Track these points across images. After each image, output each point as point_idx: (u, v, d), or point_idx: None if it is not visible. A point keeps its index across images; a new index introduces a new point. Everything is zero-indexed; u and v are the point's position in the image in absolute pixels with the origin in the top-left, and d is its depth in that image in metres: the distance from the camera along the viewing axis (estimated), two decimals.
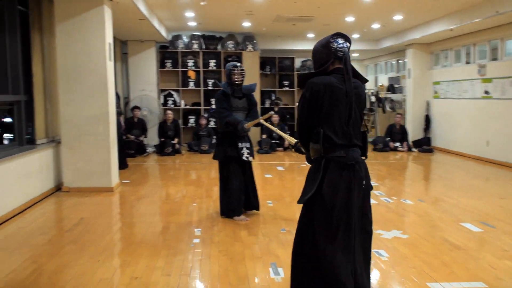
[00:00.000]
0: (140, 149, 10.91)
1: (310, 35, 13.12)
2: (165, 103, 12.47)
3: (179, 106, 12.57)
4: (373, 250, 3.52)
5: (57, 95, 6.98)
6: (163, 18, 10.41)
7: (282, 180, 8.00)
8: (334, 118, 2.81)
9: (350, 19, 10.46)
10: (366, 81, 3.04)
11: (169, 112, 11.58)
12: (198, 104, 12.72)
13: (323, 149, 2.82)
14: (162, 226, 5.15)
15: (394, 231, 4.87)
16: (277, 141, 11.90)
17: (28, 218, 5.50)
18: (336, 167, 2.79)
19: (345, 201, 2.75)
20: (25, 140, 6.50)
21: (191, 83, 12.56)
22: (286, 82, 14.24)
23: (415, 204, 6.14)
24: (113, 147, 7.10)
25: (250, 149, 5.43)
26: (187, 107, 12.70)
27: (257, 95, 13.64)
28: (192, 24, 11.25)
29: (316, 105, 2.83)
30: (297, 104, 13.81)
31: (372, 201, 4.90)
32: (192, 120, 12.56)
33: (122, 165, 8.91)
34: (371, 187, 2.94)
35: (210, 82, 12.60)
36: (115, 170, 7.20)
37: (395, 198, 6.53)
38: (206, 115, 12.62)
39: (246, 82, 5.48)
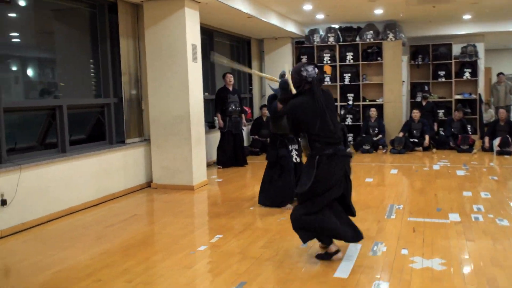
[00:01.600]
0: (266, 148, 10.91)
1: (466, 17, 11.43)
2: None
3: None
4: None
5: (147, 97, 7.39)
6: (284, 12, 10.19)
7: (379, 186, 7.14)
8: (316, 126, 3.79)
9: None
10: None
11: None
12: (335, 100, 12.16)
13: (314, 149, 3.84)
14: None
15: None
16: (416, 140, 10.68)
17: (101, 210, 5.97)
18: (327, 162, 3.78)
19: (335, 184, 3.84)
20: (115, 139, 7.04)
21: (327, 79, 12.09)
22: (441, 73, 12.70)
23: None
24: (197, 146, 7.25)
25: (299, 150, 5.87)
26: None
27: (405, 87, 12.54)
28: (320, 16, 10.81)
29: (296, 119, 3.89)
30: (455, 97, 12.25)
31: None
32: None
33: (241, 162, 9.08)
34: (350, 171, 4.00)
35: (347, 76, 11.94)
36: (200, 169, 7.34)
37: (492, 216, 5.28)
38: (342, 111, 12.03)
39: (388, 74, 7.74)
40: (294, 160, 5.83)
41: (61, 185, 5.74)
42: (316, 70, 3.90)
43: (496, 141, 9.86)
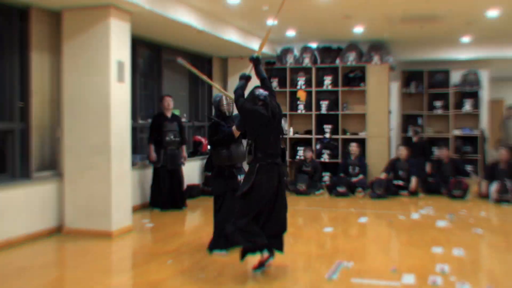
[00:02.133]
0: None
1: (465, 39, 11.47)
2: None
3: (286, 134, 12.09)
4: None
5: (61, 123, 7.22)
6: (246, 27, 10.16)
7: (337, 238, 6.94)
8: (261, 135, 5.11)
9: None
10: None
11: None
12: (310, 132, 12.06)
13: (256, 158, 5.09)
14: None
15: None
16: (401, 182, 10.53)
17: None
18: (265, 170, 5.04)
19: (270, 191, 5.08)
20: (19, 172, 6.83)
21: (301, 106, 12.00)
22: (438, 103, 12.72)
23: None
24: (120, 184, 7.05)
25: None
26: (297, 136, 12.15)
27: (395, 120, 12.46)
28: (291, 34, 10.79)
29: (248, 123, 5.28)
30: (454, 132, 12.20)
31: None
32: (301, 152, 11.93)
33: (179, 204, 8.86)
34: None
35: (324, 104, 11.85)
36: (122, 212, 7.12)
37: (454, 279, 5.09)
38: (318, 146, 11.90)
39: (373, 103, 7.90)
40: None
41: None
42: (266, 92, 5.14)
43: (494, 187, 9.72)
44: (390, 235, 7.06)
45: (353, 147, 11.18)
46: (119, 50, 7.06)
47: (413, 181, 10.42)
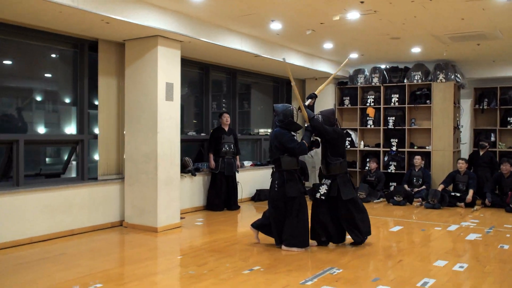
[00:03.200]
0: None
1: None
2: None
3: (357, 147, 11.24)
4: None
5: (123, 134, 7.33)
6: (308, 51, 9.60)
7: (339, 247, 6.16)
8: None
9: None
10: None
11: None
12: (379, 145, 11.08)
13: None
14: None
15: None
16: (458, 194, 9.22)
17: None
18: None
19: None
20: (86, 175, 7.04)
21: (370, 122, 11.09)
22: (511, 119, 10.95)
23: None
24: (166, 187, 6.95)
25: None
26: (367, 148, 11.23)
27: (467, 135, 11.05)
28: (354, 56, 10.02)
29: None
30: None
31: None
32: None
33: (233, 206, 8.64)
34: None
35: (391, 120, 10.82)
36: (168, 211, 7.00)
37: None
38: (386, 158, 10.89)
39: (438, 118, 9.72)
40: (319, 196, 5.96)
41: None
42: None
43: None
44: (407, 244, 6.09)
45: (417, 159, 10.06)
46: (167, 73, 6.98)
47: (470, 193, 9.05)
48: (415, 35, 8.07)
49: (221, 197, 8.54)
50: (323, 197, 5.78)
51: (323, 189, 5.81)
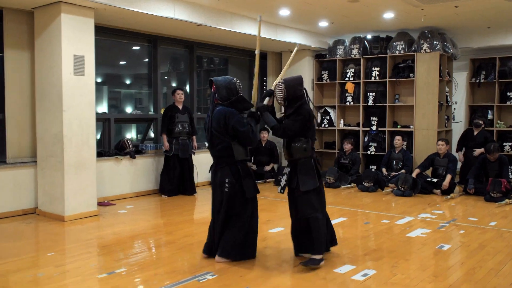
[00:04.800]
0: (255, 176, 9.25)
1: None
2: (320, 123, 10.27)
3: (335, 126, 10.11)
4: None
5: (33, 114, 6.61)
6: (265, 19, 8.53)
7: (265, 240, 5.22)
8: None
9: None
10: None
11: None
12: (358, 124, 9.93)
13: None
14: None
15: None
16: (436, 179, 8.02)
17: None
18: None
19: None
20: None
21: (349, 98, 9.92)
22: (511, 94, 9.53)
23: None
24: (76, 172, 6.21)
25: None
26: (347, 127, 10.08)
27: (463, 112, 9.77)
28: (323, 24, 8.86)
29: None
30: None
31: None
32: None
33: (189, 191, 7.85)
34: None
35: (371, 96, 9.62)
36: (80, 198, 6.26)
37: None
38: (366, 138, 9.73)
39: (421, 94, 8.57)
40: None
41: None
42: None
43: None
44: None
45: (397, 140, 8.89)
46: (76, 45, 6.17)
47: (447, 178, 7.84)
48: None
49: (173, 182, 7.73)
50: (282, 191, 4.40)
51: (283, 181, 4.40)
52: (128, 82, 8.88)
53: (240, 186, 4.19)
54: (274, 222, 6.00)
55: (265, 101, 4.38)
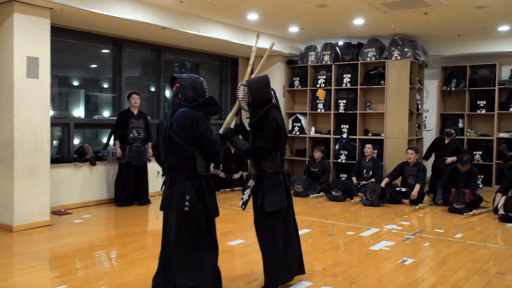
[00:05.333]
0: (223, 184, 9.00)
1: (504, 28, 8.26)
2: (291, 130, 10.07)
3: (307, 133, 9.93)
4: None
5: None
6: (227, 22, 8.26)
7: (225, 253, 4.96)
8: None
9: None
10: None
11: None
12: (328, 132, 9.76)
13: None
14: None
15: None
16: (405, 189, 7.87)
17: None
18: None
19: None
20: None
21: (320, 105, 9.75)
22: (482, 102, 9.48)
23: None
24: (28, 179, 5.87)
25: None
26: (318, 134, 9.90)
27: (434, 120, 9.65)
28: (294, 30, 8.68)
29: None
30: (499, 135, 9.05)
31: None
32: None
33: (142, 200, 7.51)
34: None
35: (342, 103, 9.47)
36: (31, 207, 5.91)
37: None
38: (337, 146, 9.56)
39: (392, 102, 7.93)
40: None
41: None
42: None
43: (501, 201, 6.70)
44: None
45: (367, 148, 8.73)
46: (30, 46, 5.85)
47: (416, 188, 7.70)
48: (345, 2, 6.71)
49: (128, 190, 7.40)
50: (243, 207, 3.81)
51: (245, 196, 3.82)
52: (105, 86, 8.52)
53: (204, 205, 3.32)
54: (235, 234, 5.75)
55: (232, 123, 3.88)
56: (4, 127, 5.83)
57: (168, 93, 9.24)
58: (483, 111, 9.38)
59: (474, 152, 9.29)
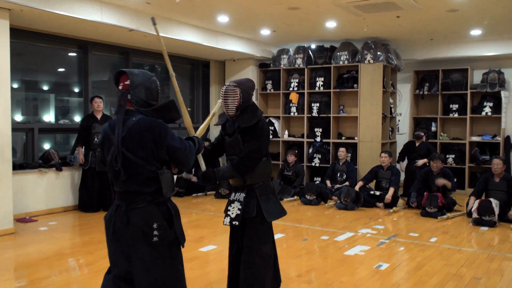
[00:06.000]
0: (195, 188, 8.85)
1: (475, 32, 8.37)
2: None
3: (280, 137, 9.87)
4: None
5: None
6: (197, 24, 8.11)
7: (198, 259, 4.82)
8: None
9: None
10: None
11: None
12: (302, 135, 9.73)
13: None
14: None
15: None
16: (378, 192, 7.88)
17: None
18: None
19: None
20: None
21: (293, 109, 9.71)
22: (454, 106, 9.59)
23: None
24: None
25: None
26: (291, 138, 9.86)
27: (407, 124, 9.68)
28: (266, 32, 8.62)
29: None
30: (471, 138, 9.15)
31: None
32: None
33: (108, 206, 7.27)
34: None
35: (315, 106, 9.44)
36: None
37: None
38: (310, 150, 9.54)
39: (365, 105, 7.73)
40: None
41: None
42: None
43: (474, 204, 6.75)
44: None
45: (341, 152, 8.71)
46: None
47: (390, 192, 7.71)
48: (317, 4, 6.68)
49: (93, 197, 7.20)
50: (237, 223, 3.41)
51: (234, 210, 3.46)
52: (75, 90, 8.26)
53: (174, 232, 2.70)
54: (208, 239, 5.63)
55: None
56: None
57: None
58: (456, 115, 9.49)
59: (447, 156, 9.37)
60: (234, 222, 3.42)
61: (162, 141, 2.60)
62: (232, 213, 3.45)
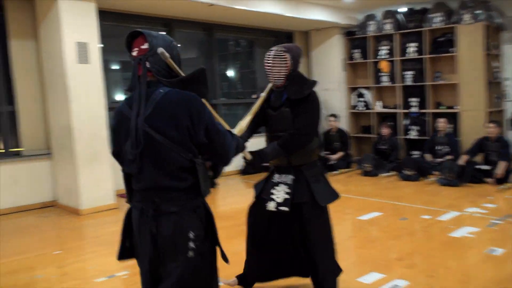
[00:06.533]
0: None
1: None
2: (355, 106, 9.58)
3: (371, 109, 9.39)
4: None
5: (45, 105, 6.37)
6: None
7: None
8: None
9: None
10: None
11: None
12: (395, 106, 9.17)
13: None
14: None
15: None
16: (487, 167, 7.20)
17: None
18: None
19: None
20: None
21: (385, 78, 9.16)
22: None
23: None
24: (90, 165, 5.94)
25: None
26: (384, 110, 9.34)
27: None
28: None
29: None
30: None
31: None
32: None
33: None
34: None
35: (409, 75, 8.83)
36: (96, 192, 6.01)
37: None
38: (406, 121, 8.98)
39: (465, 71, 7.35)
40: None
41: None
42: None
43: None
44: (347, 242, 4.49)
45: (441, 123, 8.08)
46: (78, 31, 5.79)
47: (500, 166, 7.01)
48: None
49: None
50: (286, 208, 2.95)
51: (280, 194, 3.01)
52: None
53: (211, 244, 2.15)
54: None
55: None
56: (62, 114, 5.92)
57: (231, 72, 9.02)
58: None
59: None
60: (282, 208, 2.95)
61: (200, 119, 1.99)
62: (278, 197, 2.99)
